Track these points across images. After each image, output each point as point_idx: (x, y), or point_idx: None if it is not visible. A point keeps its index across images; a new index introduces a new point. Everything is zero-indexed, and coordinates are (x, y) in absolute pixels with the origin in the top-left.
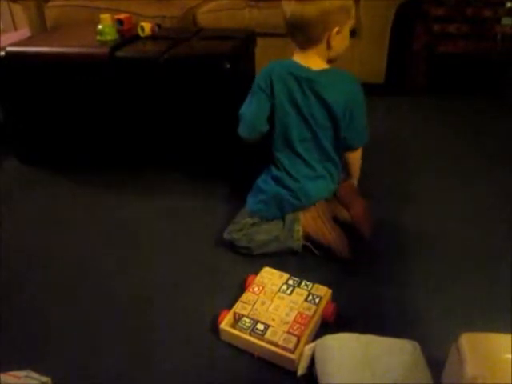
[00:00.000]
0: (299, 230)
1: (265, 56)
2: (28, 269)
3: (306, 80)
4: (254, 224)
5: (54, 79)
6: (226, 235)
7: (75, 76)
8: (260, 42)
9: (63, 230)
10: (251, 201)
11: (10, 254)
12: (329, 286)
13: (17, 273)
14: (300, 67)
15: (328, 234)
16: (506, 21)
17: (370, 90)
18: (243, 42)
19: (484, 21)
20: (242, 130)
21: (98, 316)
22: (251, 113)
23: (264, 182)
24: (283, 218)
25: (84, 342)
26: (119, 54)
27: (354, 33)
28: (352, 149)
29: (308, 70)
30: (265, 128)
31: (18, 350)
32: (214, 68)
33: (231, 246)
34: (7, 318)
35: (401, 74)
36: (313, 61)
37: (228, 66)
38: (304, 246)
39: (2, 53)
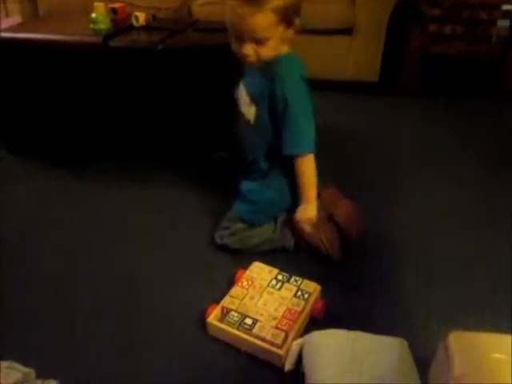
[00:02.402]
0: (290, 229)
1: None
2: (15, 259)
3: None
4: (245, 228)
5: (46, 67)
6: (217, 240)
7: (67, 64)
8: None
9: (51, 221)
10: (244, 210)
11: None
12: (318, 282)
13: (3, 263)
14: None
15: (318, 235)
16: (501, 23)
17: (363, 88)
18: None
19: (479, 23)
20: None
21: (85, 308)
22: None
23: (255, 191)
24: (275, 219)
25: (70, 333)
26: (112, 43)
27: (349, 31)
28: (286, 154)
29: None
30: None
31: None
32: (207, 60)
33: (222, 248)
34: None
35: (395, 73)
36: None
37: (221, 58)
38: (296, 244)
39: None
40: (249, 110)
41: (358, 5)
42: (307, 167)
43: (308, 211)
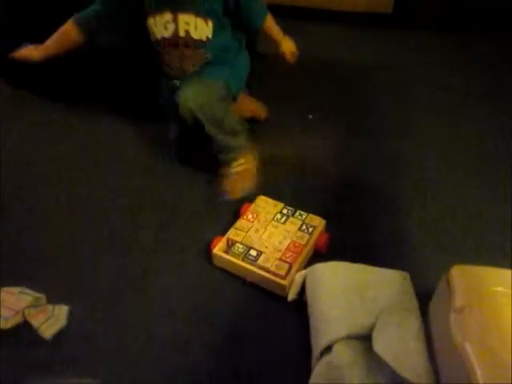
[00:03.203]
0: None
1: None
2: (20, 188)
3: None
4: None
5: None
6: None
7: None
8: None
9: (51, 155)
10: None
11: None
12: (323, 216)
13: (8, 193)
14: None
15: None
16: None
17: (376, 20)
18: None
19: None
20: None
21: (92, 238)
22: None
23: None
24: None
25: (80, 264)
26: None
27: None
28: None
29: None
30: None
31: (12, 267)
32: None
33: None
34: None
35: (411, 4)
36: None
37: None
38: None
39: None
40: (203, 29)
41: None
42: (271, 19)
43: (291, 44)
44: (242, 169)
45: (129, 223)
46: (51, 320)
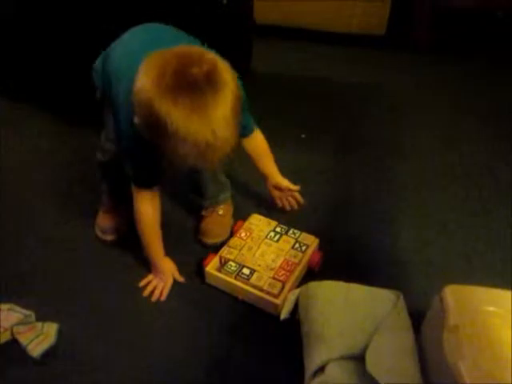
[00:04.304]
0: None
1: None
2: (10, 204)
3: None
4: None
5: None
6: None
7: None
8: None
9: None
10: None
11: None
12: (316, 235)
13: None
14: None
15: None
16: None
17: (369, 41)
18: None
19: None
20: None
21: (82, 255)
22: None
23: None
24: None
25: (69, 280)
26: None
27: None
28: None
29: None
30: None
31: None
32: (210, 2)
33: None
34: None
35: (403, 27)
36: None
37: (225, 0)
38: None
39: None
40: None
41: None
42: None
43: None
44: (224, 214)
45: (119, 240)
46: (40, 338)
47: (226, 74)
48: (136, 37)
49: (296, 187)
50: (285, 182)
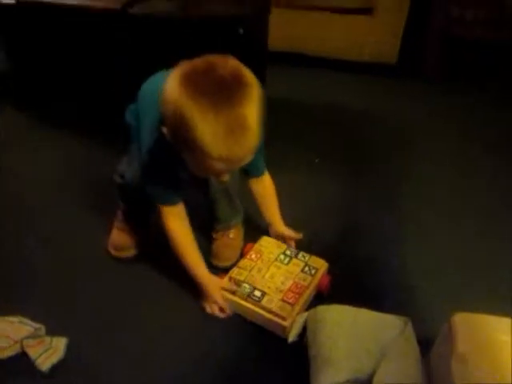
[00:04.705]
0: None
1: (278, 26)
2: (21, 220)
3: None
4: None
5: (64, 30)
6: None
7: (85, 29)
8: (274, 11)
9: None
10: None
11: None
12: (326, 258)
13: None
14: None
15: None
16: None
17: (381, 69)
18: (258, 9)
19: (504, 7)
20: None
21: (92, 270)
22: None
23: None
24: None
25: (76, 293)
26: (132, 10)
27: (369, 10)
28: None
29: None
30: None
31: (9, 296)
32: (227, 32)
33: None
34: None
35: (415, 56)
36: None
37: (241, 31)
38: None
39: (13, 1)
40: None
41: None
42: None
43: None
44: (234, 237)
45: (125, 265)
46: (49, 352)
47: (251, 76)
48: (160, 74)
49: (298, 235)
50: (287, 232)
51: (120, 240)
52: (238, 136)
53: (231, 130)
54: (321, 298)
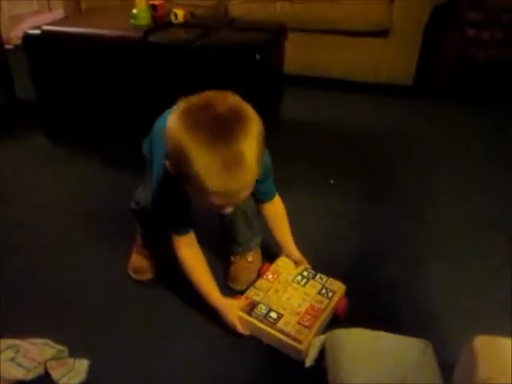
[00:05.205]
0: None
1: (294, 50)
2: (42, 250)
3: None
4: None
5: (87, 60)
6: None
7: (107, 58)
8: (290, 36)
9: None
10: None
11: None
12: (343, 281)
13: (30, 252)
14: None
15: None
16: None
17: (397, 91)
18: (274, 35)
19: None
20: None
21: (114, 292)
22: None
23: None
24: None
25: (101, 315)
26: (152, 39)
27: (385, 33)
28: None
29: None
30: None
31: (35, 320)
32: (244, 58)
33: None
34: (25, 289)
35: (430, 77)
36: None
37: (258, 57)
38: None
39: (38, 31)
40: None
41: (395, 7)
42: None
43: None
44: (253, 261)
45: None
46: (71, 374)
47: (250, 111)
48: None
49: (304, 263)
50: (298, 256)
51: (138, 263)
52: (233, 171)
53: (227, 166)
54: (337, 321)
